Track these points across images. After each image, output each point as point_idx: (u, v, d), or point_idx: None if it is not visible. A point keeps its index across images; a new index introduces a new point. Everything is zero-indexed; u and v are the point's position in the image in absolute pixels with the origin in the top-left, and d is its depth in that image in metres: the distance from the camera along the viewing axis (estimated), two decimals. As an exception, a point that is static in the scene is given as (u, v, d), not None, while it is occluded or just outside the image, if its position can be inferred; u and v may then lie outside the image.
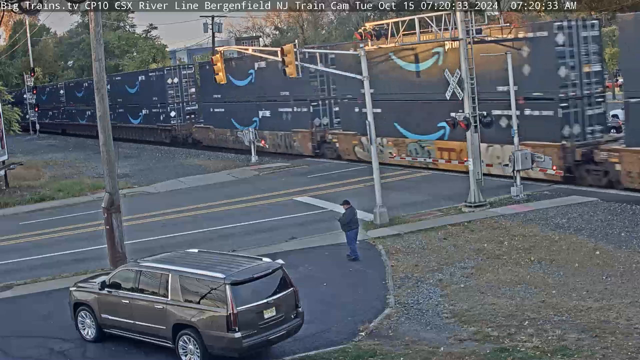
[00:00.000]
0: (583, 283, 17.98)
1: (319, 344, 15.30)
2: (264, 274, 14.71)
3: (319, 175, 36.85)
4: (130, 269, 16.09)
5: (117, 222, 21.28)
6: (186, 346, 14.57)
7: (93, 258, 23.63)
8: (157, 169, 45.04)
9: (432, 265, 20.18)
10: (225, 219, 28.55)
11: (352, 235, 21.56)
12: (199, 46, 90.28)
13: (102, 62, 21.35)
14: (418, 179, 33.50)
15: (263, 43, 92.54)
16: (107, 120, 21.50)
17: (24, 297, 20.35)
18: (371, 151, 26.11)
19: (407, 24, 27.60)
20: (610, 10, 45.08)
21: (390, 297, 17.95)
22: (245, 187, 35.42)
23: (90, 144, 60.75)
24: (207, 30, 66.90)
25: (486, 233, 23.01)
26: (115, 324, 15.86)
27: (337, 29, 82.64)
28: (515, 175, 27.04)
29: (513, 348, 14.29)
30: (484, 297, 17.46)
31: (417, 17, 27.31)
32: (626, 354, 13.65)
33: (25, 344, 16.57)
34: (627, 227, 22.30)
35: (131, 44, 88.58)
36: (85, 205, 33.83)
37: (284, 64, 26.73)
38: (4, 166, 40.01)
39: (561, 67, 28.59)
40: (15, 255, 25.38)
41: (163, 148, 56.73)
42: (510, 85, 27.61)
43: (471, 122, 26.13)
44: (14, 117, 51.88)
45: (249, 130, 43.55)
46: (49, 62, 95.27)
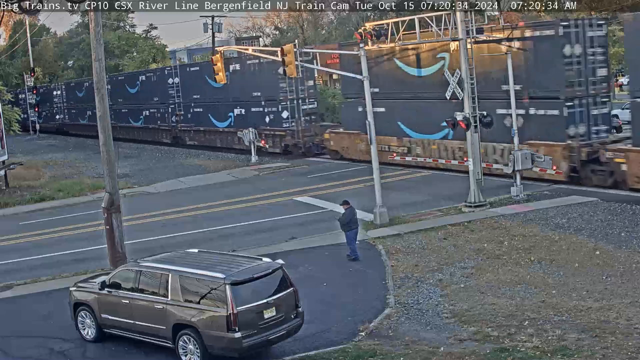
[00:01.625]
0: (583, 283, 17.98)
1: (319, 344, 15.30)
2: (264, 274, 14.71)
3: (319, 175, 36.85)
4: (130, 269, 16.09)
5: (117, 222, 21.28)
6: (186, 346, 14.57)
7: (93, 258, 23.63)
8: (157, 169, 45.04)
9: (432, 265, 20.18)
10: (225, 219, 28.55)
11: (352, 235, 21.56)
12: (199, 46, 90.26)
13: (102, 62, 21.35)
14: (418, 179, 33.50)
15: (263, 43, 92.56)
16: (107, 120, 21.50)
17: (24, 297, 20.35)
18: (371, 151, 26.15)
19: (407, 24, 27.60)
20: (610, 10, 45.06)
21: (390, 297, 17.96)
22: (245, 187, 35.42)
23: (90, 144, 60.73)
24: (207, 30, 66.88)
25: (486, 233, 23.02)
26: (115, 324, 15.86)
27: (337, 29, 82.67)
28: (515, 175, 27.05)
29: (513, 348, 14.29)
30: (484, 297, 17.47)
31: (417, 17, 27.31)
32: (626, 354, 13.65)
33: (25, 344, 16.57)
34: (627, 227, 22.30)
35: (131, 44, 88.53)
36: (85, 205, 33.83)
37: (284, 64, 26.77)
38: (4, 166, 40.01)
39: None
40: (15, 255, 25.38)
41: (163, 148, 56.72)
42: (510, 85, 27.65)
43: (471, 122, 26.13)
44: (14, 117, 51.89)
45: (249, 130, 43.58)
46: (49, 62, 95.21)
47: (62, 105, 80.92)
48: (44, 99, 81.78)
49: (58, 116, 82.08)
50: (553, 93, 28.99)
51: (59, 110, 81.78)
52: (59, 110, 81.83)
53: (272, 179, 37.82)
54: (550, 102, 29.09)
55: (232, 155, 47.61)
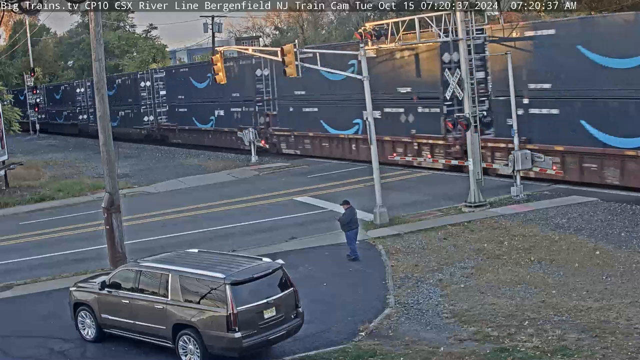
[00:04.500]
0: (583, 283, 17.98)
1: (319, 344, 15.31)
2: (264, 274, 14.71)
3: (318, 175, 36.85)
4: (130, 269, 16.09)
5: (117, 222, 21.29)
6: (186, 346, 14.57)
7: (93, 258, 23.64)
8: (157, 169, 45.05)
9: (432, 265, 20.19)
10: (225, 219, 28.56)
11: (352, 235, 21.56)
12: (199, 46, 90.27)
13: (102, 62, 21.36)
14: (418, 179, 33.51)
15: (263, 43, 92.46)
16: (107, 120, 21.51)
17: (24, 297, 20.35)
18: (371, 151, 26.17)
19: (407, 24, 27.60)
20: (610, 10, 45.05)
21: (390, 297, 17.96)
22: (245, 187, 35.43)
23: (90, 144, 60.75)
24: (207, 30, 66.90)
25: (486, 233, 23.02)
26: (115, 324, 15.86)
27: (337, 29, 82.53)
28: (515, 175, 27.05)
29: (513, 348, 14.30)
30: (484, 297, 17.47)
31: (417, 17, 27.30)
32: (626, 354, 13.66)
33: (25, 344, 16.57)
34: (627, 227, 22.30)
35: (131, 44, 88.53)
36: (85, 205, 33.84)
37: (284, 64, 26.77)
38: (4, 166, 40.02)
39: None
40: (15, 255, 25.39)
41: (163, 148, 56.74)
42: (510, 84, 27.67)
43: (471, 122, 26.14)
44: (14, 117, 51.90)
45: (249, 130, 43.66)
46: (49, 62, 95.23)
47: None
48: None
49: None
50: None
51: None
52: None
53: (272, 179, 37.83)
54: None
55: (232, 155, 47.64)
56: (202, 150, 51.91)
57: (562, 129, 28.45)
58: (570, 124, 28.11)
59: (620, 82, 26.11)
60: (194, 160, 47.57)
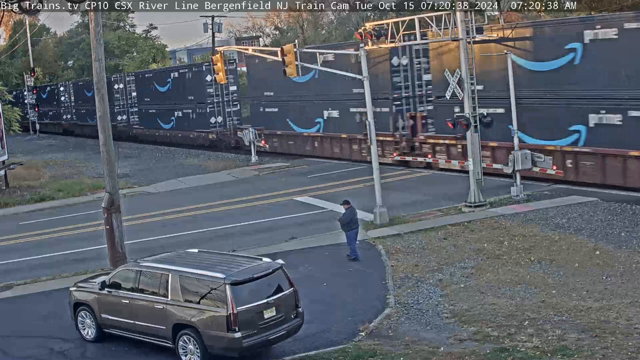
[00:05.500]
0: (583, 283, 17.99)
1: (319, 344, 15.31)
2: (264, 274, 14.71)
3: (318, 175, 36.86)
4: (130, 269, 16.09)
5: (117, 222, 21.29)
6: (186, 346, 14.57)
7: (93, 258, 23.64)
8: (157, 169, 45.06)
9: (432, 265, 20.19)
10: (225, 219, 28.56)
11: (352, 235, 21.56)
12: (199, 46, 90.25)
13: (102, 62, 21.35)
14: (418, 179, 33.51)
15: (263, 43, 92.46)
16: (107, 120, 21.51)
17: (24, 297, 20.36)
18: (371, 151, 26.18)
19: (407, 24, 27.60)
20: (610, 10, 45.04)
21: (390, 297, 17.96)
22: (245, 187, 35.43)
23: (90, 144, 60.75)
24: (207, 30, 66.91)
25: (486, 233, 23.02)
26: (115, 324, 15.86)
27: (337, 29, 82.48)
28: (515, 175, 27.06)
29: (513, 348, 14.30)
30: (484, 297, 17.47)
31: (417, 17, 27.30)
32: (626, 354, 13.66)
33: (25, 344, 16.58)
34: (627, 227, 22.30)
35: (131, 44, 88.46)
36: (85, 205, 33.84)
37: (284, 64, 26.75)
38: (4, 166, 40.02)
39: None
40: (15, 255, 25.39)
41: (163, 148, 56.75)
42: (511, 84, 27.66)
43: (471, 122, 26.14)
44: (14, 117, 51.90)
45: (249, 130, 43.69)
46: (49, 62, 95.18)
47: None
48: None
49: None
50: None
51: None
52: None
53: (272, 179, 37.83)
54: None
55: (232, 155, 47.66)
56: (202, 150, 51.93)
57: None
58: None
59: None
60: (194, 160, 47.57)
